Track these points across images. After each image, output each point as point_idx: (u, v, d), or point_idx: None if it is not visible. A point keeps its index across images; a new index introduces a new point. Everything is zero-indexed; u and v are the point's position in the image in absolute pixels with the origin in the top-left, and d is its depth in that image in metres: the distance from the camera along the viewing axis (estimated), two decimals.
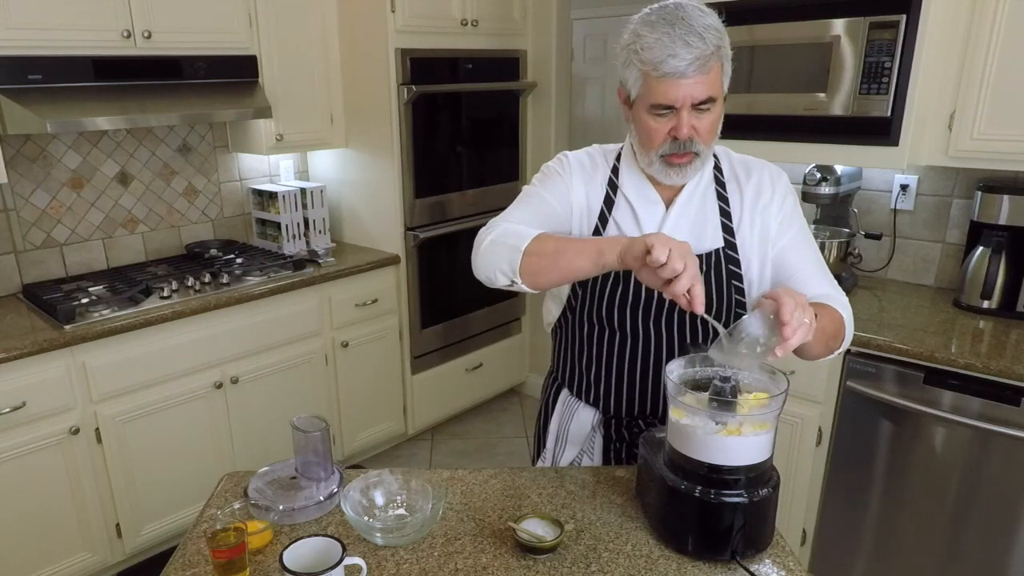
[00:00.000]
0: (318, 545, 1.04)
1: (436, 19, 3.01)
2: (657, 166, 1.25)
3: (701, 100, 1.17)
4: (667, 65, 1.13)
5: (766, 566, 1.10)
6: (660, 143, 1.22)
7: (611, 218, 1.33)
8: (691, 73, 1.14)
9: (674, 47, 1.13)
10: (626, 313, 1.34)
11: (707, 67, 1.14)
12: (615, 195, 1.34)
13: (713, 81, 1.17)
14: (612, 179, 1.35)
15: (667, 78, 1.15)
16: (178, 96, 2.55)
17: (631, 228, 1.33)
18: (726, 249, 1.32)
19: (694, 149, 1.21)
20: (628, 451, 1.44)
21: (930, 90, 2.10)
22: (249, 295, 2.62)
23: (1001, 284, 2.16)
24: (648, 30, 1.15)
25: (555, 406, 1.50)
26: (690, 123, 1.18)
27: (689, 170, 1.25)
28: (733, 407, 1.06)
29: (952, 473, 2.00)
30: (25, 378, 2.15)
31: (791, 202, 1.34)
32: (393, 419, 3.31)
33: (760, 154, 2.59)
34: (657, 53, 1.14)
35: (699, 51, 1.13)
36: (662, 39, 1.13)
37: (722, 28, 1.17)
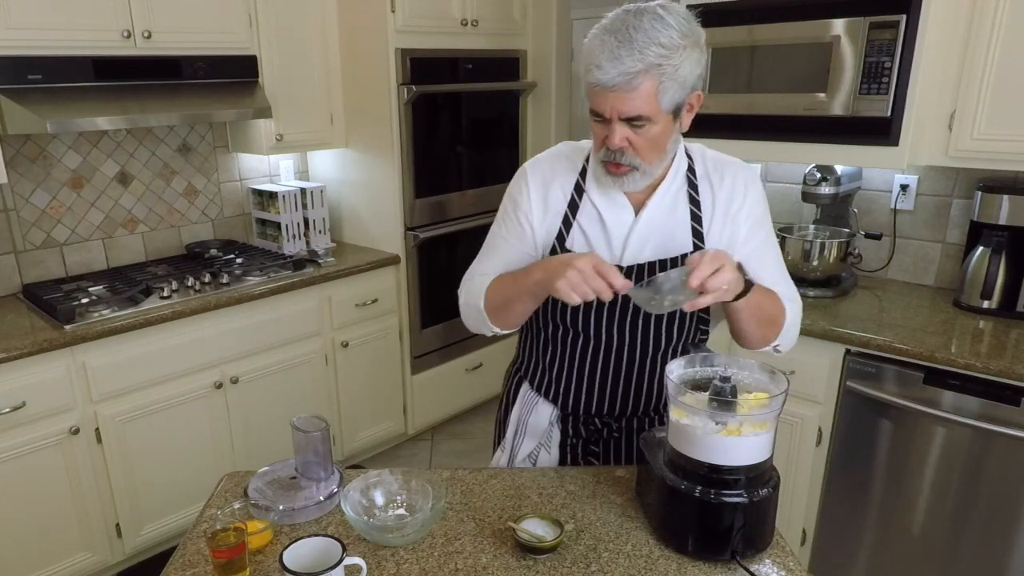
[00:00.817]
0: (318, 545, 1.04)
1: (436, 19, 3.01)
2: (599, 169, 1.24)
3: (629, 116, 1.14)
4: (591, 75, 1.12)
5: (766, 566, 1.10)
6: (599, 148, 1.21)
7: (575, 223, 1.32)
8: (613, 87, 1.11)
9: (601, 58, 1.10)
10: (590, 317, 1.33)
11: (633, 84, 1.10)
12: (580, 199, 1.32)
13: (644, 99, 1.12)
14: (579, 182, 1.33)
15: (592, 87, 1.14)
16: (178, 96, 2.55)
17: (597, 234, 1.31)
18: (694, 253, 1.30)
19: (629, 162, 1.19)
20: (585, 448, 1.44)
21: (930, 90, 2.10)
22: (249, 295, 2.62)
23: (1001, 284, 2.16)
24: (595, 32, 1.14)
25: (516, 398, 1.50)
26: (622, 135, 1.16)
27: (627, 180, 1.22)
28: (733, 407, 1.06)
29: (952, 473, 2.00)
30: (25, 378, 2.15)
31: (761, 207, 1.33)
32: (393, 419, 3.31)
33: (760, 154, 2.62)
34: (588, 59, 1.13)
35: (625, 67, 1.09)
36: (597, 47, 1.11)
37: (677, 46, 1.11)
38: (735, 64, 2.34)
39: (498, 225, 1.40)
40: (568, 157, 1.37)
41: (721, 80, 2.39)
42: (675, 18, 1.13)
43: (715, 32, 2.36)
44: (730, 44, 2.34)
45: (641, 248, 1.30)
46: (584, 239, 1.32)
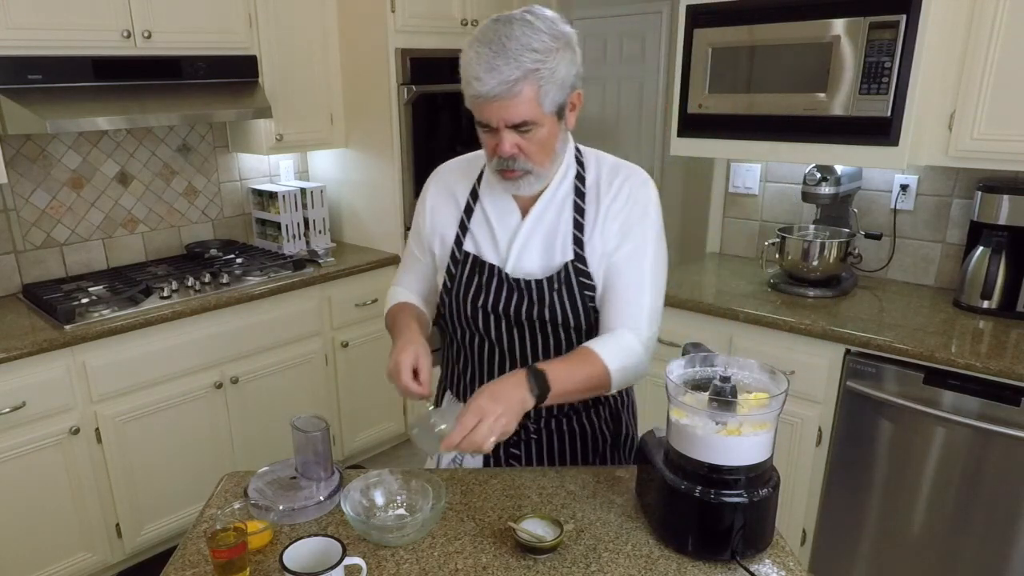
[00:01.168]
0: (318, 545, 1.04)
1: (436, 19, 3.01)
2: (495, 177, 1.26)
3: (515, 123, 1.15)
4: (471, 87, 1.13)
5: (766, 566, 1.10)
6: (491, 156, 1.22)
7: (469, 229, 1.35)
8: (494, 97, 1.12)
9: (479, 69, 1.11)
10: (490, 319, 1.34)
11: (513, 91, 1.11)
12: (475, 204, 1.35)
13: (526, 105, 1.13)
14: (475, 187, 1.36)
15: (473, 99, 1.15)
16: (178, 96, 2.55)
17: (486, 240, 1.34)
18: (575, 262, 1.29)
19: (522, 167, 1.21)
20: (506, 451, 1.44)
21: (930, 90, 2.10)
22: (249, 295, 2.62)
23: (1001, 284, 2.16)
24: (470, 45, 1.14)
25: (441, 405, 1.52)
26: (512, 142, 1.17)
27: (523, 184, 1.24)
28: (733, 407, 1.06)
29: (952, 473, 2.00)
30: (25, 378, 2.15)
31: (640, 215, 1.29)
32: (393, 419, 3.31)
33: (760, 154, 2.62)
34: (467, 72, 1.13)
35: (504, 76, 1.10)
36: (472, 59, 1.12)
37: (551, 49, 1.12)
38: (735, 64, 2.34)
39: (411, 235, 1.47)
40: (471, 162, 1.40)
41: (721, 80, 2.39)
42: (544, 23, 1.14)
43: (715, 32, 2.36)
44: (730, 44, 2.34)
45: (524, 254, 1.31)
46: (475, 244, 1.35)
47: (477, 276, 1.33)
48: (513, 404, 1.12)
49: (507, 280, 1.31)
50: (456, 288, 1.36)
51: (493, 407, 1.10)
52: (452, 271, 1.36)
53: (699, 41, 2.40)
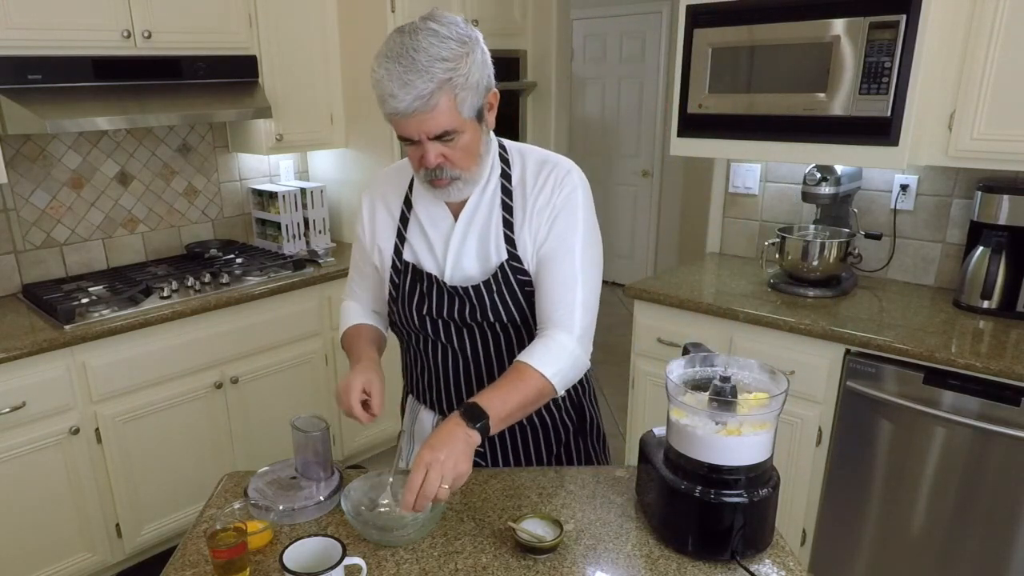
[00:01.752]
0: (318, 545, 1.04)
1: None
2: (425, 187, 1.25)
3: (436, 134, 1.15)
4: (387, 105, 1.11)
5: (766, 566, 1.10)
6: (418, 168, 1.22)
7: (407, 238, 1.35)
8: (412, 113, 1.11)
9: (392, 86, 1.09)
10: (438, 324, 1.34)
11: (430, 104, 1.10)
12: (409, 213, 1.36)
13: (445, 114, 1.12)
14: (408, 195, 1.36)
15: (391, 116, 1.13)
16: (178, 96, 2.55)
17: (422, 250, 1.34)
18: (510, 260, 1.29)
19: (449, 175, 1.20)
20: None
21: (930, 90, 2.10)
22: (249, 295, 2.62)
23: (1001, 284, 2.16)
24: (378, 63, 1.12)
25: (405, 408, 1.53)
26: (436, 152, 1.17)
27: (453, 191, 1.24)
28: (733, 407, 1.06)
29: (952, 473, 2.00)
30: (25, 378, 2.15)
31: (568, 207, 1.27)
32: (393, 419, 3.29)
33: (760, 154, 2.62)
34: (380, 90, 1.11)
35: (418, 91, 1.09)
36: (384, 78, 1.10)
37: (461, 54, 1.11)
38: (735, 64, 2.34)
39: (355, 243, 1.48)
40: (400, 171, 1.39)
41: (721, 80, 2.39)
42: (449, 28, 1.13)
43: (715, 32, 2.36)
44: (730, 44, 2.34)
45: (460, 259, 1.31)
46: (413, 253, 1.35)
47: (418, 284, 1.34)
48: (455, 445, 1.11)
49: (446, 288, 1.31)
50: (400, 297, 1.36)
51: (435, 455, 1.09)
52: (395, 280, 1.37)
53: (699, 41, 2.40)
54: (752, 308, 2.29)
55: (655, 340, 2.51)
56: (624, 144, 5.54)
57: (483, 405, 1.16)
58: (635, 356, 2.60)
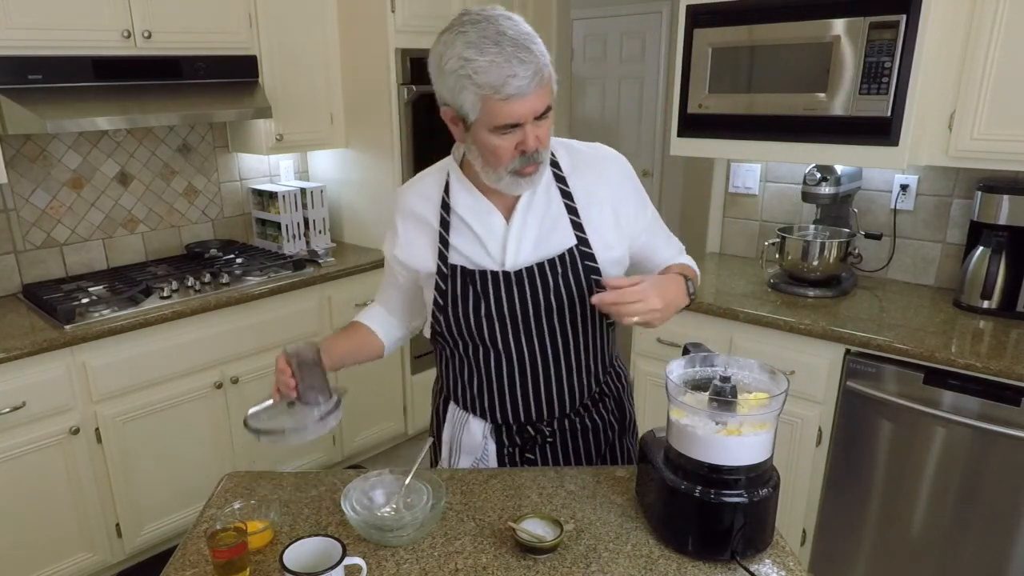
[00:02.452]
0: (318, 545, 1.04)
1: (436, 19, 3.00)
2: (507, 180, 1.23)
3: (543, 111, 1.17)
4: (509, 87, 1.10)
5: (766, 566, 1.10)
6: (509, 160, 1.20)
7: (451, 243, 1.32)
8: (532, 89, 1.12)
9: (511, 67, 1.09)
10: (495, 330, 1.33)
11: (543, 79, 1.13)
12: (449, 216, 1.32)
13: (548, 90, 1.17)
14: (445, 200, 1.33)
15: (511, 100, 1.12)
16: (178, 96, 2.56)
17: (473, 247, 1.31)
18: (579, 246, 1.31)
19: (540, 159, 1.22)
20: (521, 455, 1.43)
21: (930, 90, 2.10)
22: (249, 295, 2.62)
23: (1001, 284, 2.16)
24: (475, 52, 1.10)
25: (445, 417, 1.49)
26: (535, 134, 1.18)
27: (536, 178, 1.24)
28: (733, 407, 1.06)
29: (952, 473, 2.00)
30: (25, 378, 2.15)
31: (634, 185, 1.39)
32: (393, 419, 3.31)
33: (760, 154, 2.62)
34: (494, 76, 1.10)
35: (534, 65, 1.11)
36: (495, 60, 1.09)
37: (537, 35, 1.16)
38: (735, 64, 2.34)
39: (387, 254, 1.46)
40: (424, 180, 1.39)
41: (721, 80, 2.39)
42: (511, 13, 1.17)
43: (715, 32, 2.36)
44: (730, 44, 2.34)
45: (520, 250, 1.30)
46: (461, 255, 1.32)
47: (471, 286, 1.31)
48: (672, 310, 1.22)
49: (507, 278, 1.30)
50: (450, 303, 1.33)
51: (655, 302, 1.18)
52: (442, 287, 1.33)
53: (699, 41, 2.40)
54: (752, 308, 2.29)
55: (655, 340, 2.51)
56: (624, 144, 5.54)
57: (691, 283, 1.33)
58: (635, 356, 2.60)
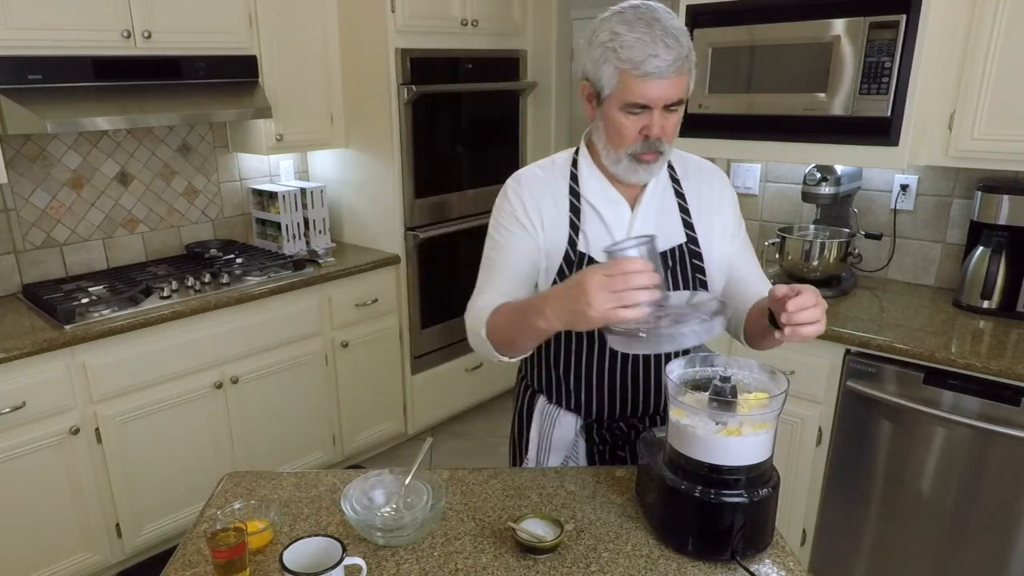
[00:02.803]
0: (318, 545, 1.04)
1: (436, 19, 3.01)
2: (625, 163, 1.26)
3: (673, 101, 1.20)
4: (649, 64, 1.15)
5: (766, 566, 1.10)
6: (631, 141, 1.23)
7: (581, 228, 1.32)
8: (669, 74, 1.16)
9: (655, 47, 1.14)
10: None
11: (682, 69, 1.17)
12: (579, 202, 1.34)
13: (684, 83, 1.20)
14: (573, 187, 1.34)
15: (647, 78, 1.16)
16: (178, 96, 2.55)
17: (600, 234, 1.32)
18: (688, 244, 1.35)
19: (660, 149, 1.24)
20: (612, 453, 1.44)
21: (930, 90, 2.10)
22: (249, 295, 2.62)
23: (1001, 284, 2.16)
24: (626, 28, 1.16)
25: (533, 414, 1.49)
26: (660, 123, 1.21)
27: (655, 167, 1.28)
28: (733, 407, 1.06)
29: (952, 473, 2.00)
30: (25, 378, 2.15)
31: (736, 205, 1.43)
32: (393, 419, 3.31)
33: (760, 154, 2.62)
34: (638, 52, 1.15)
35: (677, 53, 1.15)
36: (643, 38, 1.15)
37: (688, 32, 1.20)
38: (735, 64, 2.34)
39: (496, 239, 1.36)
40: (549, 170, 1.37)
41: (721, 80, 2.39)
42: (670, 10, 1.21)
43: (715, 32, 2.36)
44: (730, 44, 2.34)
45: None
46: (587, 243, 1.33)
47: None
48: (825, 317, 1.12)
49: None
50: None
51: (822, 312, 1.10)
52: (567, 273, 1.31)
53: (699, 41, 2.40)
54: None
55: None
56: None
57: None
58: None
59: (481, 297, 1.34)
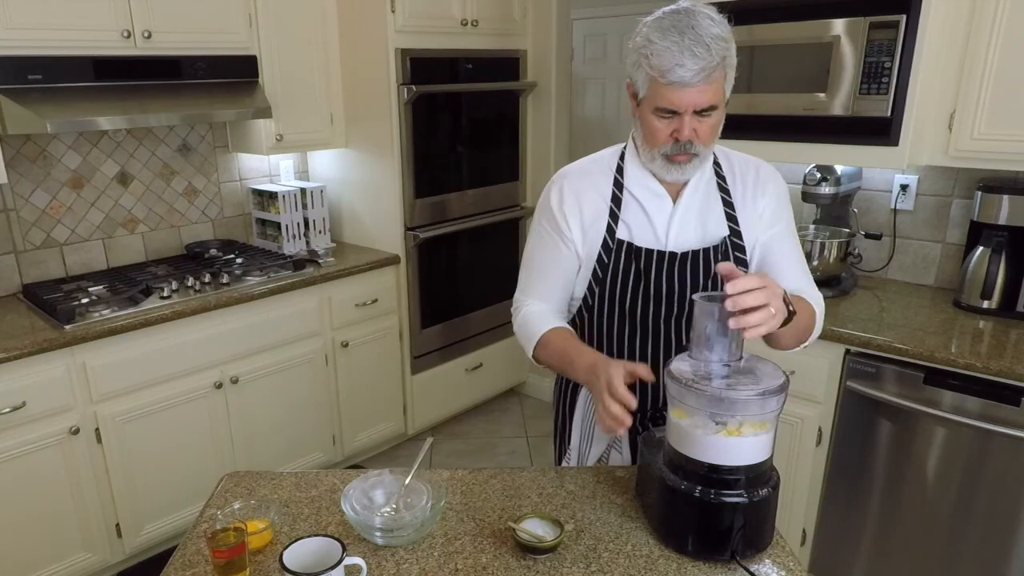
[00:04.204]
0: (318, 545, 1.04)
1: (436, 19, 3.01)
2: (659, 162, 1.31)
3: (703, 108, 1.22)
4: (673, 74, 1.18)
5: (766, 566, 1.10)
6: (663, 143, 1.28)
7: (621, 218, 1.38)
8: (695, 83, 1.18)
9: (682, 57, 1.17)
10: (649, 307, 1.38)
11: (711, 78, 1.19)
12: (622, 193, 1.39)
13: (716, 90, 1.21)
14: (617, 178, 1.40)
15: (673, 86, 1.19)
16: (178, 96, 2.55)
17: (642, 225, 1.37)
18: (731, 237, 1.38)
19: (693, 151, 1.28)
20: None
21: (930, 90, 2.10)
22: (249, 295, 2.62)
23: (1001, 284, 2.16)
24: (659, 36, 1.19)
25: (575, 404, 1.52)
26: (691, 127, 1.24)
27: (688, 168, 1.31)
28: (733, 407, 1.06)
29: (952, 473, 2.00)
30: (25, 378, 2.15)
31: (784, 199, 1.42)
32: (393, 419, 3.31)
33: (760, 154, 2.60)
34: (665, 61, 1.18)
35: (705, 62, 1.17)
36: (671, 48, 1.17)
37: (730, 37, 1.21)
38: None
39: (538, 241, 1.45)
40: (596, 163, 1.43)
41: None
42: (716, 15, 1.22)
43: None
44: None
45: (682, 232, 1.38)
46: (628, 231, 1.38)
47: (635, 262, 1.37)
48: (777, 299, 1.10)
49: (671, 259, 1.35)
50: (610, 277, 1.38)
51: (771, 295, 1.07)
52: (604, 261, 1.38)
53: None
54: None
55: None
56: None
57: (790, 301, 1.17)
58: None
59: (527, 300, 1.47)
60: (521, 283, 1.50)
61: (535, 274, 1.47)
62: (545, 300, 1.46)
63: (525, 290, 1.48)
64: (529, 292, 1.48)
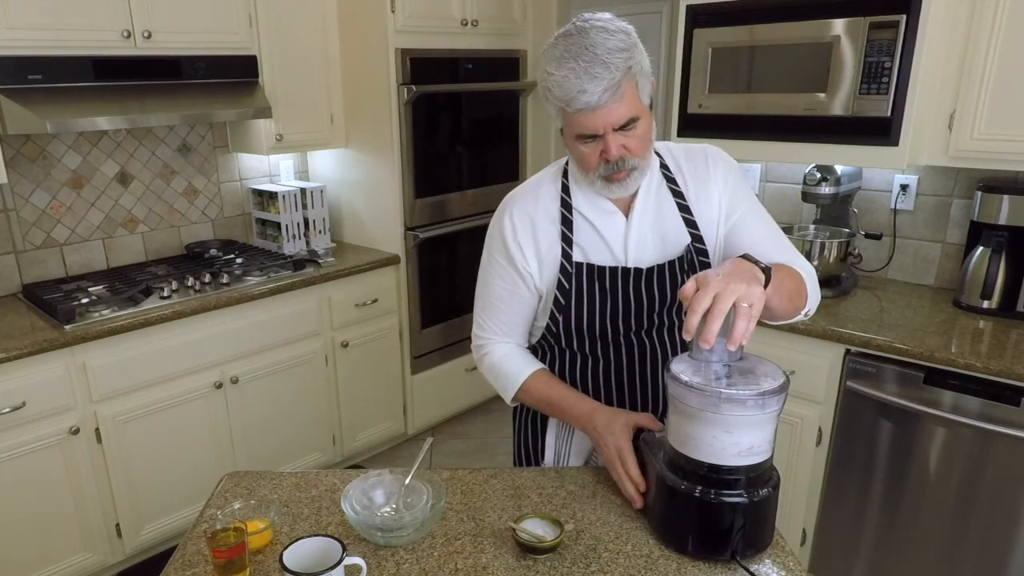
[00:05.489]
0: (318, 545, 1.04)
1: (436, 19, 3.01)
2: (599, 184, 1.26)
3: (622, 123, 1.18)
4: (578, 102, 1.14)
5: (766, 566, 1.10)
6: (595, 166, 1.23)
7: (575, 243, 1.33)
8: (604, 103, 1.14)
9: (581, 83, 1.13)
10: (619, 326, 1.34)
11: (619, 93, 1.14)
12: (571, 214, 1.33)
13: (630, 101, 1.17)
14: (565, 199, 1.34)
15: (582, 112, 1.16)
16: (178, 96, 2.55)
17: (596, 246, 1.32)
18: (693, 243, 1.33)
19: (628, 166, 1.23)
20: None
21: (930, 90, 2.10)
22: (249, 295, 2.62)
23: (1001, 284, 2.16)
24: (555, 67, 1.15)
25: (547, 426, 1.48)
26: (617, 144, 1.19)
27: (629, 183, 1.26)
28: (733, 406, 1.06)
29: (952, 473, 2.00)
30: (25, 378, 2.15)
31: (737, 179, 1.35)
32: (393, 419, 3.31)
33: (760, 154, 2.62)
34: (567, 90, 1.14)
35: (607, 81, 1.12)
36: (568, 76, 1.13)
37: (631, 44, 1.16)
38: (735, 64, 2.34)
39: (493, 275, 1.39)
40: (540, 185, 1.38)
41: (721, 80, 2.39)
42: (611, 22, 1.17)
43: (715, 32, 2.36)
44: (730, 44, 2.34)
45: (641, 248, 1.32)
46: (584, 253, 1.33)
47: (597, 283, 1.32)
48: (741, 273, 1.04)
49: (636, 275, 1.31)
50: (574, 301, 1.33)
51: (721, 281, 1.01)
52: (565, 286, 1.33)
53: (699, 41, 2.40)
54: None
55: None
56: None
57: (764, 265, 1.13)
58: None
59: (489, 339, 1.43)
60: (478, 319, 1.44)
61: (493, 310, 1.41)
62: (508, 336, 1.42)
63: (485, 327, 1.43)
64: (489, 330, 1.42)
